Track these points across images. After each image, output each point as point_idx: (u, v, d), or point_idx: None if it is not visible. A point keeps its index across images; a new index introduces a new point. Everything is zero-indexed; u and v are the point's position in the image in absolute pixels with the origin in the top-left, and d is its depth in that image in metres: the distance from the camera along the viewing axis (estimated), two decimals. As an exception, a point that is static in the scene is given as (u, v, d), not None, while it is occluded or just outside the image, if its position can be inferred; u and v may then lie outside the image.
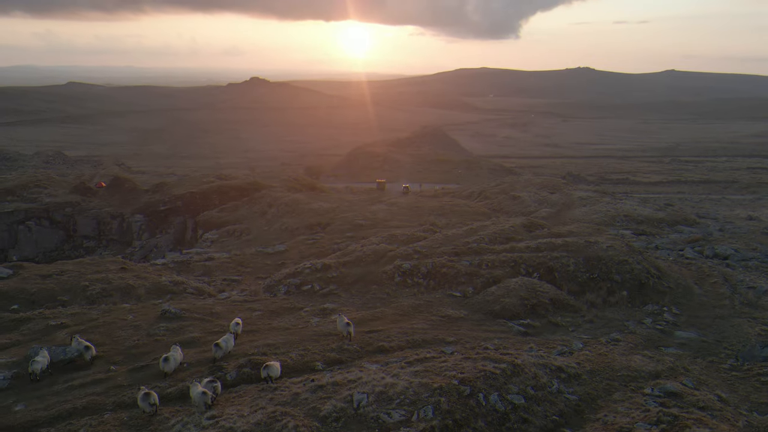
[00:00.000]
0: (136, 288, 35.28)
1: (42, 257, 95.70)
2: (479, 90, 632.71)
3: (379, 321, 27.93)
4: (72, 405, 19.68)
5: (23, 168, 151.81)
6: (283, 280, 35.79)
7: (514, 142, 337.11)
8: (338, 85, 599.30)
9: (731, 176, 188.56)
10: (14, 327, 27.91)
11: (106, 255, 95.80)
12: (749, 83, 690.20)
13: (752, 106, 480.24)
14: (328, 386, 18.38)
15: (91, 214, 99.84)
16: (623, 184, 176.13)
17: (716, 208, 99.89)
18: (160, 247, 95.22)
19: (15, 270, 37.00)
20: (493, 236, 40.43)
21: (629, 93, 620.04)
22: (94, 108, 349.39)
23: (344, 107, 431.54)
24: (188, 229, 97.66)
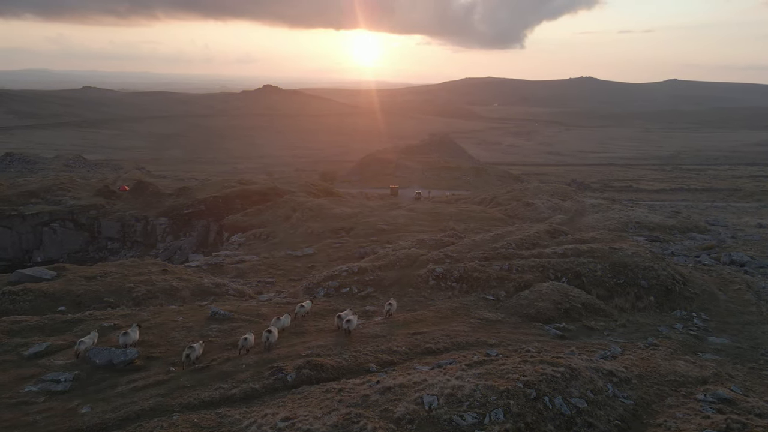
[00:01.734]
0: (180, 290, 36.41)
1: (66, 258, 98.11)
2: (484, 99, 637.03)
3: (421, 323, 29.38)
4: (139, 407, 19.71)
5: (44, 171, 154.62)
6: (321, 282, 37.55)
7: (518, 150, 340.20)
8: (348, 93, 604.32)
9: (734, 184, 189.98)
10: (67, 328, 28.29)
11: (131, 257, 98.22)
12: (750, 92, 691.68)
13: (753, 115, 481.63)
14: (396, 388, 18.62)
15: (115, 216, 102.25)
16: (627, 191, 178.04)
17: (723, 216, 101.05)
18: (183, 249, 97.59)
19: (59, 272, 37.85)
20: (519, 242, 42.37)
21: (631, 102, 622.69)
22: (112, 113, 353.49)
23: (354, 115, 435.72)
24: (211, 232, 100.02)
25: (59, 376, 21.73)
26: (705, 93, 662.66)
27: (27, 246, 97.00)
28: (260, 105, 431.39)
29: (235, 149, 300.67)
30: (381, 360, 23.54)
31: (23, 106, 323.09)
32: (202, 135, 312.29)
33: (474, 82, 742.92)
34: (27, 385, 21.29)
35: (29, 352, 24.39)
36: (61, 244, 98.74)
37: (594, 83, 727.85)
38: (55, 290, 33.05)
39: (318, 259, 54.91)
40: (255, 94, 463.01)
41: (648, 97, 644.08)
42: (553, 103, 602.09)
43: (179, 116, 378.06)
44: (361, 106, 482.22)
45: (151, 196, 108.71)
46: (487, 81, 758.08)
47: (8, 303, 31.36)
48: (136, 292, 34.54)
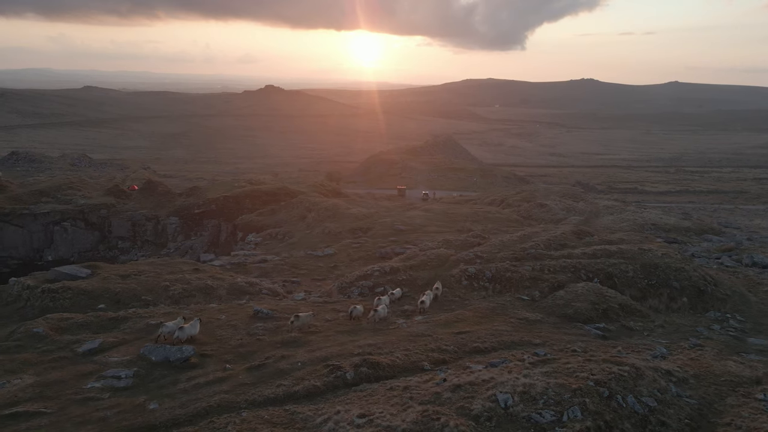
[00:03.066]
0: (216, 289, 36.46)
1: (77, 257, 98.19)
2: (485, 100, 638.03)
3: (462, 323, 29.54)
4: (206, 403, 19.75)
5: (51, 170, 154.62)
6: (354, 282, 37.69)
7: (521, 152, 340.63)
8: (349, 93, 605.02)
9: (738, 186, 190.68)
10: (113, 326, 28.39)
11: (141, 256, 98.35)
12: (752, 95, 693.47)
13: (755, 117, 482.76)
14: (466, 386, 18.83)
15: (126, 216, 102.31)
16: (632, 193, 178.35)
17: (734, 218, 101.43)
18: (194, 248, 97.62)
19: (93, 270, 37.91)
20: (547, 243, 42.55)
21: (632, 104, 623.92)
22: (114, 112, 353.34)
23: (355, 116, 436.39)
24: (222, 232, 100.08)
25: (120, 372, 21.87)
26: (706, 95, 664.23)
27: (38, 245, 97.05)
28: (262, 105, 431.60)
29: (238, 149, 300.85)
30: (433, 358, 23.68)
31: (26, 105, 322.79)
32: (205, 135, 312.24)
33: (475, 84, 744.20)
34: (89, 382, 21.40)
35: (83, 348, 24.50)
36: (72, 243, 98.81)
37: (595, 85, 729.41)
38: (93, 288, 33.07)
39: (339, 259, 55.03)
40: (257, 94, 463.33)
41: (649, 99, 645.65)
42: (554, 104, 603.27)
43: (181, 116, 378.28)
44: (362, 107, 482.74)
45: (161, 195, 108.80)
46: (488, 82, 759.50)
47: (48, 300, 31.45)
48: (172, 290, 34.57)
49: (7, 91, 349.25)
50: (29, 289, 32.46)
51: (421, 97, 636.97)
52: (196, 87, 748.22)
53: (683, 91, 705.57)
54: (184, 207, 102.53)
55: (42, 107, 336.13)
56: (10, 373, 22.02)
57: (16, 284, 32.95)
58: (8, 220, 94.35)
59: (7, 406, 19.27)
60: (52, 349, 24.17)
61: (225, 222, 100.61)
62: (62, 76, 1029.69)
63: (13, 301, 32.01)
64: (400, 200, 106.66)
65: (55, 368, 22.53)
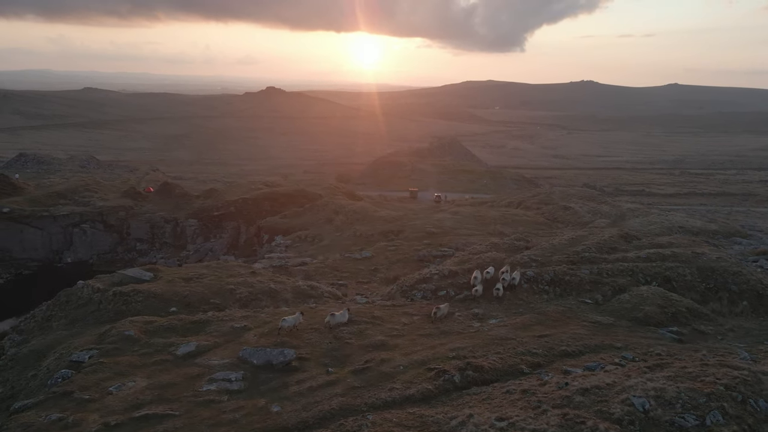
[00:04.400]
0: (280, 292, 36.43)
1: (96, 259, 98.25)
2: (485, 102, 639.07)
3: (539, 326, 29.52)
4: (327, 406, 19.96)
5: (61, 172, 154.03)
6: (415, 285, 37.68)
7: (523, 153, 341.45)
8: (350, 95, 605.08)
9: (745, 189, 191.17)
10: (198, 329, 28.36)
11: (160, 258, 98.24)
12: (752, 97, 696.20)
13: (755, 120, 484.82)
14: (593, 390, 18.79)
15: (145, 218, 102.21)
16: (640, 195, 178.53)
17: (753, 221, 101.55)
18: (214, 251, 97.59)
19: (155, 273, 38.15)
20: (598, 246, 42.68)
21: (632, 106, 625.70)
22: (115, 114, 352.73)
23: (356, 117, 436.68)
24: (242, 234, 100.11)
25: (229, 375, 22.07)
26: (706, 97, 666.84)
27: (57, 247, 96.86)
28: (263, 107, 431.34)
29: (241, 151, 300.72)
30: (527, 362, 23.76)
31: (28, 106, 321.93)
32: (207, 136, 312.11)
33: (475, 85, 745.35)
34: (203, 384, 21.47)
35: (181, 351, 24.57)
36: (91, 245, 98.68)
37: (595, 87, 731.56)
38: (162, 291, 33.02)
39: (377, 261, 55.07)
40: (258, 95, 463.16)
41: (649, 101, 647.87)
42: (555, 106, 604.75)
43: (183, 117, 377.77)
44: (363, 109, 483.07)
45: (179, 197, 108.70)
46: (488, 84, 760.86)
47: (121, 304, 31.41)
48: (238, 293, 34.55)
49: (8, 92, 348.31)
50: (100, 292, 32.42)
51: (421, 98, 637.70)
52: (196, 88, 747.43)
53: (683, 93, 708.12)
54: (202, 209, 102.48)
55: (44, 108, 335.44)
56: (121, 375, 22.08)
57: (85, 287, 32.93)
58: (28, 222, 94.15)
59: (134, 408, 19.37)
60: (150, 352, 24.21)
61: (244, 224, 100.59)
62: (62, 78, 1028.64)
63: (84, 304, 31.98)
64: (426, 203, 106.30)
65: (162, 371, 22.58)
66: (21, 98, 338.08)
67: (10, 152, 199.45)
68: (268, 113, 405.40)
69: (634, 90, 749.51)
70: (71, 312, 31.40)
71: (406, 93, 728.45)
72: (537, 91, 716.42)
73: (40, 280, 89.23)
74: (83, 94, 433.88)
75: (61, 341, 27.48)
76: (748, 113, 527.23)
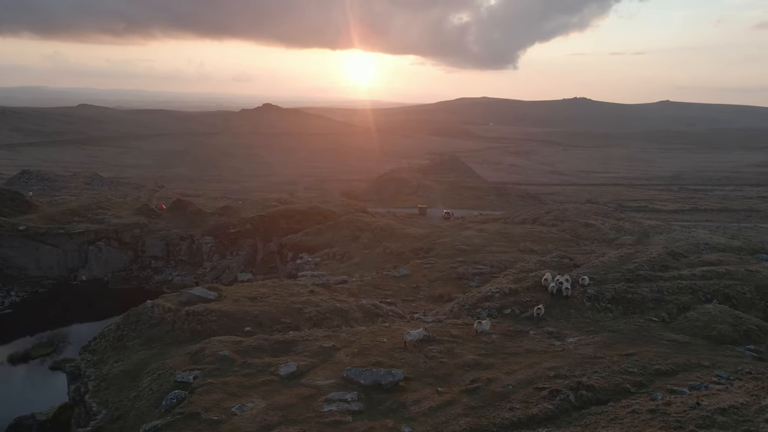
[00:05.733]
0: (347, 311, 36.03)
1: (111, 277, 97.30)
2: (480, 119, 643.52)
3: (620, 344, 29.31)
4: (458, 427, 19.79)
5: (66, 189, 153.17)
6: (478, 303, 37.44)
7: (520, 170, 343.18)
8: (345, 112, 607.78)
9: (747, 205, 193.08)
10: (286, 349, 28.05)
11: (176, 275, 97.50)
12: (741, 113, 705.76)
13: (747, 136, 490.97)
14: (731, 410, 18.74)
15: (160, 235, 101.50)
16: (644, 211, 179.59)
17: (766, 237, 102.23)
18: (231, 268, 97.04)
19: (218, 292, 37.54)
20: (649, 264, 42.75)
21: (625, 123, 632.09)
22: (114, 130, 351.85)
23: (352, 134, 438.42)
24: (259, 251, 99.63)
25: (344, 396, 21.79)
26: (697, 114, 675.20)
27: (72, 264, 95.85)
28: (260, 123, 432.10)
29: (241, 167, 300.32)
30: (630, 381, 23.59)
31: (27, 123, 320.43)
32: (207, 153, 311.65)
33: (469, 102, 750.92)
34: (323, 405, 21.14)
35: (283, 372, 24.23)
36: (106, 263, 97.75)
37: (587, 104, 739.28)
38: (233, 311, 32.57)
39: (416, 279, 54.79)
40: (255, 112, 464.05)
41: (641, 118, 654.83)
42: (549, 123, 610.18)
43: (181, 134, 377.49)
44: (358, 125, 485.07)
45: (193, 215, 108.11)
46: (482, 101, 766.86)
47: (196, 323, 30.98)
48: (306, 313, 34.09)
49: (6, 109, 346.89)
50: (171, 312, 31.97)
51: (416, 115, 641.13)
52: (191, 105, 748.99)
53: (675, 109, 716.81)
54: (218, 226, 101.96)
55: (43, 125, 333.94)
56: (236, 396, 21.73)
57: (155, 307, 32.47)
58: (44, 240, 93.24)
59: (266, 429, 19.06)
60: (253, 372, 23.87)
61: (261, 241, 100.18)
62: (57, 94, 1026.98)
63: (157, 324, 31.52)
64: (443, 221, 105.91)
65: (273, 391, 22.24)
66: (19, 115, 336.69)
67: (10, 169, 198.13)
68: (266, 130, 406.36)
69: (626, 107, 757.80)
70: (144, 331, 30.92)
71: (400, 110, 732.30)
72: (531, 107, 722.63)
73: (56, 298, 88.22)
74: (79, 111, 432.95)
75: (148, 361, 27.04)
76: (740, 130, 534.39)
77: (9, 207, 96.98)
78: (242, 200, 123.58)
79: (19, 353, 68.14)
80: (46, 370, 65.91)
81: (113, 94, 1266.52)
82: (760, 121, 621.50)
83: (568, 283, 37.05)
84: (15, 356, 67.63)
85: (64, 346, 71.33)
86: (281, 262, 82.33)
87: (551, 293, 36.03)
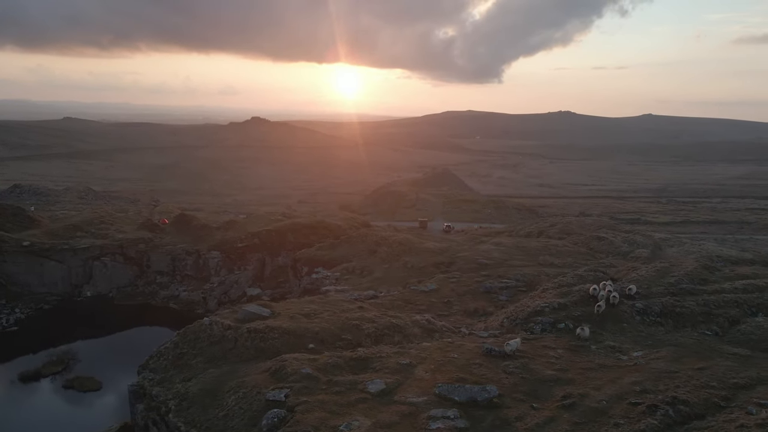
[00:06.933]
0: (403, 327, 35.63)
1: (116, 293, 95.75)
2: (466, 132, 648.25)
3: (687, 358, 29.24)
4: None
5: (60, 203, 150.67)
6: (530, 318, 37.18)
7: (509, 183, 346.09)
8: (332, 125, 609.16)
9: (737, 217, 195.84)
10: (364, 366, 27.76)
11: (183, 291, 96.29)
12: (723, 126, 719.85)
13: (729, 149, 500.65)
14: None
15: (165, 250, 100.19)
16: (637, 224, 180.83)
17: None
18: (240, 283, 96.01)
19: (271, 309, 36.92)
20: (688, 277, 43.07)
21: (609, 135, 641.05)
22: (100, 144, 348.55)
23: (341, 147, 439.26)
24: (267, 266, 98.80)
25: (446, 413, 21.68)
26: (680, 127, 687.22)
27: (77, 281, 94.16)
28: (249, 136, 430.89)
29: (232, 181, 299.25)
30: (717, 395, 23.67)
31: (11, 136, 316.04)
32: (196, 166, 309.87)
33: (455, 116, 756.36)
34: (428, 422, 20.92)
35: (373, 389, 23.95)
36: (111, 279, 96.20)
37: (572, 117, 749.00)
38: (294, 328, 32.07)
39: (445, 294, 54.55)
40: (243, 125, 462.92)
41: (625, 131, 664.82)
42: (534, 136, 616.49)
43: (168, 147, 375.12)
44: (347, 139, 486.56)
45: (198, 229, 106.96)
46: (468, 114, 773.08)
47: (259, 341, 30.46)
48: (365, 329, 33.67)
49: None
50: (231, 329, 31.39)
51: (403, 128, 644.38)
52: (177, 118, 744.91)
53: (657, 123, 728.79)
54: (225, 241, 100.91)
55: (28, 139, 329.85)
56: (337, 414, 21.40)
57: (213, 324, 31.85)
58: (48, 256, 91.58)
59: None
60: (342, 390, 23.52)
61: (269, 255, 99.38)
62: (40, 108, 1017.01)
63: (218, 342, 30.91)
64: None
65: (371, 409, 22.08)
66: (4, 128, 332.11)
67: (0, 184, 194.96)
68: (255, 143, 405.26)
69: (610, 120, 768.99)
70: (206, 349, 30.30)
71: (387, 123, 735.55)
72: (516, 121, 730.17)
73: (62, 314, 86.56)
74: (64, 124, 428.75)
75: (223, 379, 26.50)
76: (722, 143, 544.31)
77: (11, 222, 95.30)
78: (246, 214, 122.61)
79: (30, 371, 66.60)
80: (59, 388, 64.59)
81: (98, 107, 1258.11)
82: (741, 135, 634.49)
83: (616, 292, 37.38)
84: (26, 374, 66.12)
85: (74, 364, 69.88)
86: (295, 277, 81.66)
87: (597, 311, 36.01)
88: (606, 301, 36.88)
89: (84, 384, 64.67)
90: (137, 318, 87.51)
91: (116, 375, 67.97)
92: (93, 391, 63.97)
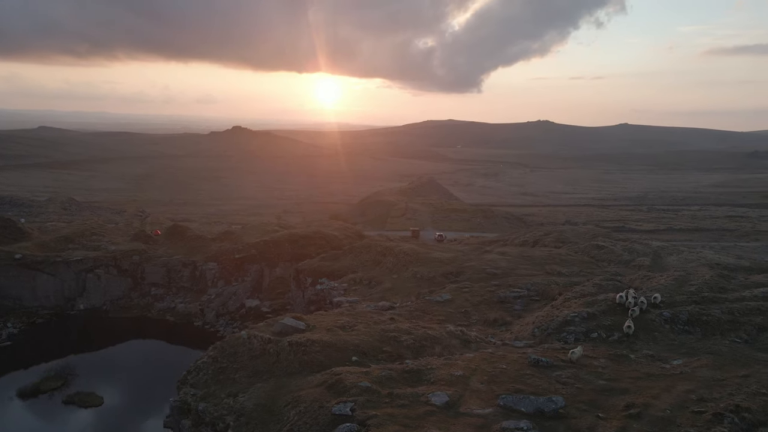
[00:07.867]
0: (440, 338, 35.46)
1: (110, 305, 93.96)
2: (446, 141, 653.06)
3: (728, 366, 29.59)
4: None
5: (44, 214, 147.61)
6: (561, 328, 37.21)
7: (492, 191, 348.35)
8: (313, 134, 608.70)
9: (717, 224, 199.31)
10: (417, 378, 27.56)
11: (179, 302, 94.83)
12: (696, 136, 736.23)
13: (703, 158, 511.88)
14: None
15: (160, 261, 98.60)
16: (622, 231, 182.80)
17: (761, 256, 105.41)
18: (238, 294, 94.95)
19: (306, 323, 36.32)
20: (708, 286, 43.64)
21: (587, 144, 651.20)
22: (78, 153, 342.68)
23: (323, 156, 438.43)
24: (265, 277, 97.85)
25: (518, 424, 21.59)
26: (655, 137, 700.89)
27: (70, 293, 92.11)
28: (230, 146, 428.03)
29: (214, 191, 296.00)
30: (770, 401, 24.04)
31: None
32: (177, 176, 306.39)
33: (436, 125, 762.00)
34: None
35: (437, 401, 23.77)
36: (105, 291, 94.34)
37: (550, 126, 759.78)
38: (334, 341, 31.66)
39: (461, 304, 54.49)
40: (224, 135, 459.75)
41: (602, 140, 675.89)
42: (514, 145, 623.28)
43: (148, 157, 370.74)
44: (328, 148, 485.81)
45: (193, 240, 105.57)
46: (448, 123, 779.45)
47: (302, 354, 30.00)
48: (404, 341, 33.40)
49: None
50: (272, 343, 30.86)
51: (384, 137, 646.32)
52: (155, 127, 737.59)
53: (634, 132, 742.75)
54: (221, 252, 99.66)
55: (2, 148, 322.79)
56: (411, 428, 21.18)
57: (252, 338, 31.25)
58: (41, 269, 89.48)
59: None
60: (406, 403, 23.31)
61: (267, 267, 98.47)
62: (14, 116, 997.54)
63: (259, 355, 30.33)
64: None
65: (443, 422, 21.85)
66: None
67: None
68: (236, 152, 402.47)
69: (587, 129, 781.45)
70: (248, 363, 29.72)
71: (367, 132, 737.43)
72: (496, 130, 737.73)
73: (56, 328, 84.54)
74: (40, 133, 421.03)
75: (274, 394, 26.00)
76: (695, 151, 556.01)
77: (2, 234, 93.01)
78: (241, 225, 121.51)
79: (27, 387, 64.73)
80: (59, 405, 62.97)
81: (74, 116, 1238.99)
82: (713, 143, 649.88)
83: (642, 298, 37.86)
84: (24, 391, 64.29)
85: (72, 379, 68.17)
86: (298, 288, 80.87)
87: (631, 315, 36.41)
88: (640, 312, 37.29)
89: (85, 400, 63.10)
90: (133, 331, 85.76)
91: (117, 390, 66.56)
92: (95, 407, 62.45)
